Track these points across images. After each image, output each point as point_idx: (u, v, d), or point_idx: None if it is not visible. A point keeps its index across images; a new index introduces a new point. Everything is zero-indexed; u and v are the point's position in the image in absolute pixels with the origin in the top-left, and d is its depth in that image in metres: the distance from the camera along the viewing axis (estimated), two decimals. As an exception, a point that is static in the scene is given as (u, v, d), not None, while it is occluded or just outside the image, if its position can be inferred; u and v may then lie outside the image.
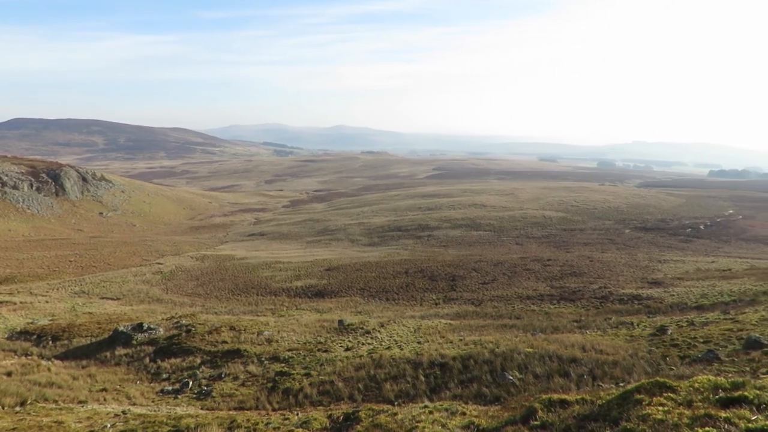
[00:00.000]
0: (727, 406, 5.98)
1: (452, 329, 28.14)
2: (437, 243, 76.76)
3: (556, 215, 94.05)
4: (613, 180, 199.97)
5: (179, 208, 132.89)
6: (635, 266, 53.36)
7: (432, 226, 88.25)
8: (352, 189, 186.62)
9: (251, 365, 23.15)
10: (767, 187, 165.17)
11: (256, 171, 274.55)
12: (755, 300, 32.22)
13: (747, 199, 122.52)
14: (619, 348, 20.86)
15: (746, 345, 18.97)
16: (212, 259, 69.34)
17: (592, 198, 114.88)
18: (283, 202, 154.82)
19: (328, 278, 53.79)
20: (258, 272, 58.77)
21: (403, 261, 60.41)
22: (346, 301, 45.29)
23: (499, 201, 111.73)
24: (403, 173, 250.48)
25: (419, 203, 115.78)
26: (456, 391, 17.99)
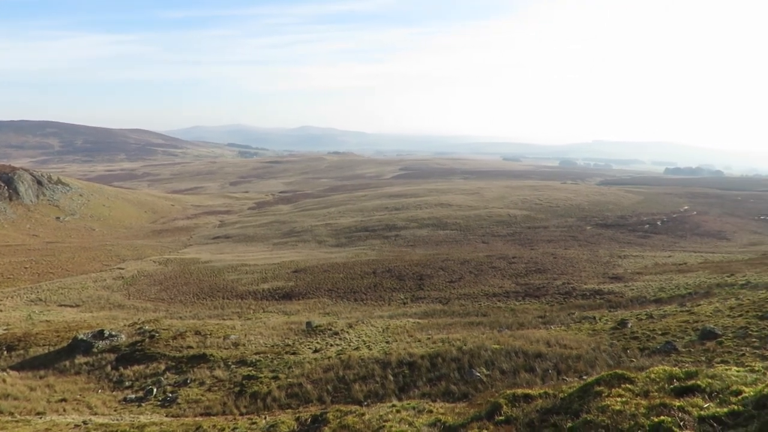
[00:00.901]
0: (681, 395, 6.23)
1: (420, 328, 28.33)
2: (404, 243, 77.09)
3: (520, 213, 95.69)
4: (575, 178, 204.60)
5: (141, 211, 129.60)
6: (597, 262, 54.77)
7: (399, 225, 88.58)
8: (318, 190, 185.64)
9: (218, 370, 22.79)
10: (719, 184, 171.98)
11: (221, 173, 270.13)
12: (709, 292, 33.51)
13: (701, 196, 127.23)
14: (582, 342, 21.38)
15: (701, 335, 19.72)
16: (176, 262, 67.90)
17: (555, 196, 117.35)
18: (248, 203, 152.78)
19: (295, 280, 53.38)
20: (223, 275, 57.85)
21: (370, 261, 60.44)
22: (314, 302, 45.05)
23: (464, 200, 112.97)
24: (370, 173, 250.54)
25: (386, 203, 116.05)
26: (425, 390, 18.13)
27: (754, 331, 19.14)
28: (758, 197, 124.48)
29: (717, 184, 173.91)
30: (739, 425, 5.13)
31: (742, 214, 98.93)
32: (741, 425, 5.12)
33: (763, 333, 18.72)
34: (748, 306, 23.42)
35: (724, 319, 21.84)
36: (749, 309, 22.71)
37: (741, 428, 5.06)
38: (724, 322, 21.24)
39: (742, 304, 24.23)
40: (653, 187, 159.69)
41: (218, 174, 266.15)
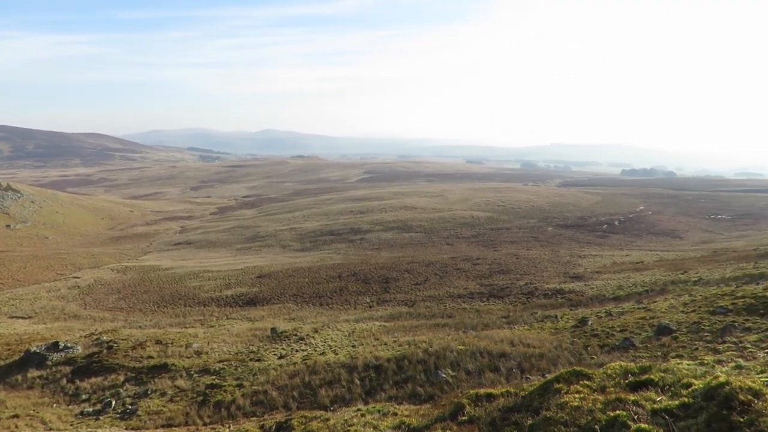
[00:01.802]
0: (635, 389, 6.45)
1: (386, 331, 28.36)
2: (370, 246, 77.10)
3: (483, 215, 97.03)
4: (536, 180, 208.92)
5: (97, 218, 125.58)
6: (558, 262, 56.00)
7: (364, 229, 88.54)
8: (282, 194, 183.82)
9: (180, 379, 22.26)
10: (673, 185, 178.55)
11: (181, 177, 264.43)
12: (665, 289, 34.70)
13: (655, 196, 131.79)
14: (544, 341, 21.80)
15: (657, 331, 20.39)
16: (135, 270, 66.05)
17: (517, 198, 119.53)
18: (210, 209, 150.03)
19: (259, 285, 52.67)
20: (185, 282, 56.59)
21: (336, 265, 60.20)
22: (278, 308, 44.54)
23: (429, 203, 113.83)
24: (335, 177, 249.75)
25: (351, 207, 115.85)
26: (391, 393, 18.14)
27: (706, 326, 19.90)
28: (708, 197, 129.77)
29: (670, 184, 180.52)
30: (689, 417, 5.36)
31: (694, 214, 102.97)
32: (691, 417, 5.35)
33: (714, 327, 19.48)
34: (701, 302, 24.33)
35: (678, 314, 22.63)
36: (702, 305, 23.60)
37: (691, 420, 5.28)
38: (678, 317, 22.01)
39: (695, 300, 25.15)
40: (610, 188, 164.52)
41: (179, 179, 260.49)
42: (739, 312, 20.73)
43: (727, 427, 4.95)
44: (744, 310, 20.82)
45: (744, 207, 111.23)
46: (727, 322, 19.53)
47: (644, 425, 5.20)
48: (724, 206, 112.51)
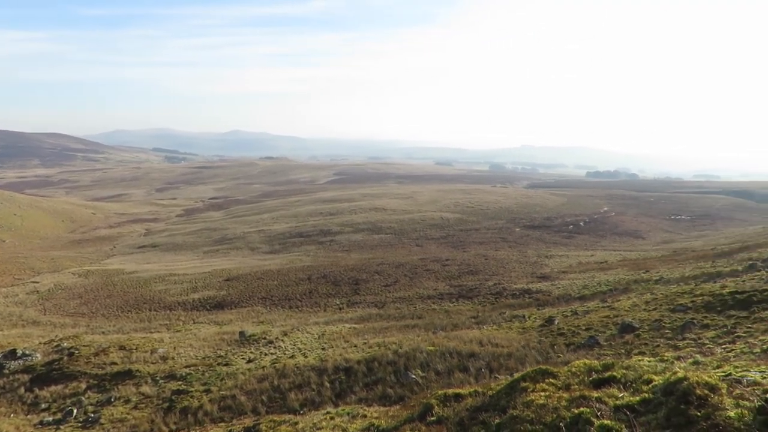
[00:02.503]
0: (599, 386, 6.62)
1: (356, 333, 28.32)
2: (340, 248, 76.85)
3: (453, 216, 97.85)
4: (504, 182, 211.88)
5: (58, 220, 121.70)
6: (525, 262, 56.89)
7: (334, 231, 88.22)
8: (250, 196, 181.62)
9: (144, 386, 21.74)
10: (635, 187, 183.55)
11: (146, 179, 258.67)
12: (628, 288, 35.63)
13: (619, 197, 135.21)
14: (513, 340, 22.12)
15: (621, 329, 20.91)
16: (98, 274, 64.24)
17: (486, 199, 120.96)
18: (176, 211, 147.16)
19: (227, 289, 51.90)
20: (150, 286, 55.34)
21: (305, 267, 59.79)
22: (247, 311, 43.98)
23: (398, 204, 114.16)
24: (304, 179, 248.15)
25: (321, 208, 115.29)
26: (361, 395, 18.11)
27: (667, 323, 20.52)
28: (669, 198, 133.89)
29: (633, 186, 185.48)
30: (650, 412, 5.52)
31: (655, 214, 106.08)
32: (651, 412, 5.51)
33: (675, 324, 20.10)
34: (662, 300, 25.06)
35: (641, 313, 23.26)
36: (663, 303, 24.32)
37: (651, 415, 5.45)
38: (641, 315, 22.62)
39: (656, 299, 25.89)
40: (576, 189, 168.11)
41: (143, 180, 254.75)
42: (698, 309, 21.44)
43: (685, 421, 5.12)
44: (702, 307, 21.54)
45: (702, 208, 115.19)
46: (686, 319, 20.17)
47: (607, 421, 5.33)
48: (683, 207, 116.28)
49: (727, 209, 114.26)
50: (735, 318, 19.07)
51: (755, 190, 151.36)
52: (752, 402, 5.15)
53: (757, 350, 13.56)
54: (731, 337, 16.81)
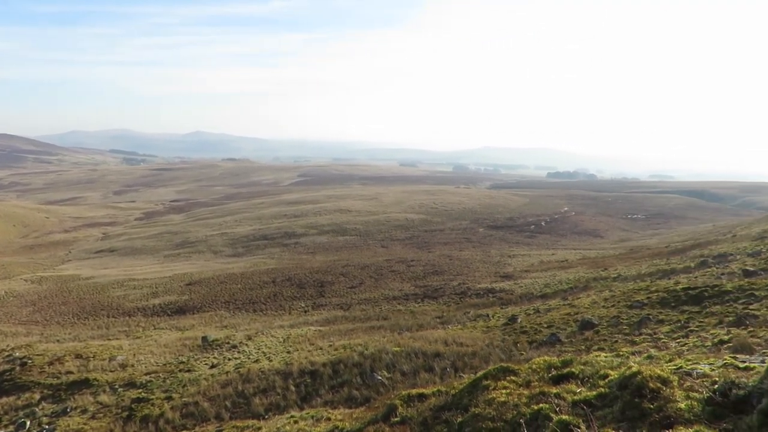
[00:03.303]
0: (558, 382, 6.80)
1: (322, 335, 28.17)
2: (304, 250, 76.31)
3: (417, 217, 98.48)
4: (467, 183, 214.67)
5: (8, 225, 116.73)
6: (489, 262, 57.74)
7: (299, 233, 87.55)
8: (213, 198, 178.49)
9: (102, 395, 21.07)
10: (593, 187, 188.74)
11: (103, 181, 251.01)
12: (587, 286, 36.59)
13: (578, 197, 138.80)
14: (477, 339, 22.39)
15: (581, 326, 21.43)
16: (52, 280, 61.94)
17: (450, 200, 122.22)
18: (135, 214, 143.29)
19: (189, 293, 50.83)
20: (108, 292, 53.70)
21: (269, 270, 59.12)
22: (210, 316, 43.18)
23: (363, 206, 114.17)
24: (267, 180, 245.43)
25: (285, 210, 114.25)
26: (327, 397, 18.01)
27: (625, 320, 21.14)
28: (625, 198, 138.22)
29: (591, 186, 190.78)
30: (606, 406, 5.71)
31: (613, 214, 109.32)
32: (607, 406, 5.70)
33: (632, 321, 20.72)
34: (620, 297, 25.81)
35: (600, 309, 23.90)
36: (620, 299, 25.05)
37: (607, 409, 5.63)
38: (600, 312, 23.24)
39: (614, 296, 26.65)
40: (537, 190, 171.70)
41: (100, 183, 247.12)
42: (653, 305, 22.16)
43: (639, 414, 5.32)
44: (658, 303, 22.28)
45: (656, 207, 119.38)
46: (643, 315, 20.82)
47: (565, 416, 5.48)
48: (639, 207, 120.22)
49: (680, 208, 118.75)
50: (688, 313, 19.78)
51: (706, 190, 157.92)
52: (701, 393, 5.38)
53: (708, 343, 14.11)
54: (685, 331, 17.43)
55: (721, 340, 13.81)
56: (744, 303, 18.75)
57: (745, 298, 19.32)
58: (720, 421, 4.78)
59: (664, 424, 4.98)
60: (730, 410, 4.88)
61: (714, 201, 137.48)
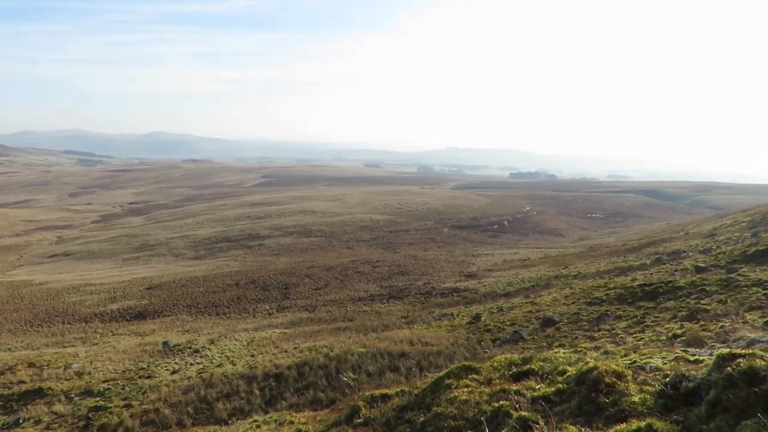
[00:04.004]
0: (518, 379, 6.94)
1: (287, 338, 27.90)
2: (269, 252, 75.45)
3: (383, 218, 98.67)
4: (432, 183, 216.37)
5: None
6: (453, 261, 58.34)
7: (263, 234, 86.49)
8: (173, 200, 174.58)
9: (57, 404, 20.32)
10: (554, 187, 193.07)
11: (57, 183, 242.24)
12: (549, 284, 37.37)
13: (539, 197, 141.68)
14: (442, 338, 22.58)
15: (543, 323, 21.88)
16: (2, 286, 59.39)
17: (414, 200, 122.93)
18: (92, 217, 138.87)
19: (149, 297, 49.56)
20: (63, 297, 51.85)
21: (233, 273, 58.21)
22: (171, 320, 42.20)
23: (328, 207, 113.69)
24: (230, 182, 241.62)
25: (248, 212, 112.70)
26: (292, 400, 17.85)
27: (584, 316, 21.70)
28: (585, 197, 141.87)
29: (552, 186, 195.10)
30: (564, 401, 5.86)
31: (573, 213, 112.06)
32: (565, 401, 5.85)
33: (591, 317, 21.28)
34: (580, 294, 26.47)
35: (560, 307, 24.45)
36: (580, 296, 25.69)
37: (565, 404, 5.78)
38: (561, 309, 23.77)
39: (574, 293, 27.31)
40: (500, 190, 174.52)
41: (54, 184, 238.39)
42: (611, 302, 22.81)
43: (596, 408, 5.48)
44: (616, 300, 22.94)
45: (614, 206, 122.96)
46: (601, 311, 21.40)
47: (524, 413, 5.60)
48: (597, 206, 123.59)
49: (636, 207, 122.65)
50: (644, 309, 20.44)
51: (660, 189, 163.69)
52: (654, 387, 5.58)
53: (663, 338, 14.61)
54: (641, 326, 18.00)
55: (675, 334, 14.30)
56: (696, 298, 19.49)
57: (697, 293, 20.07)
58: (671, 413, 4.97)
59: (619, 418, 5.14)
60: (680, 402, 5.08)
61: (668, 200, 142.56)
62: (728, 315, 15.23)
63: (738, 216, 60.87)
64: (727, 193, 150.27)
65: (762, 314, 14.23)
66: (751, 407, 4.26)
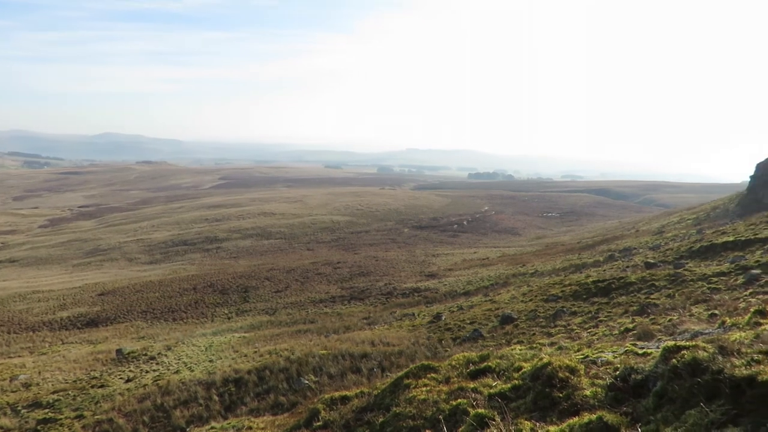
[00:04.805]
0: (475, 377, 7.07)
1: (246, 342, 27.49)
2: (227, 255, 74.11)
3: (343, 219, 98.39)
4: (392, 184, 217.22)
5: None
6: (414, 262, 58.73)
7: (221, 237, 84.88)
8: (127, 203, 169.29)
9: (3, 418, 19.39)
10: (511, 187, 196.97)
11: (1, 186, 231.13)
12: (507, 282, 38.10)
13: (498, 197, 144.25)
14: (403, 338, 22.69)
15: (502, 321, 22.28)
16: (-59, 296, 56.18)
17: (375, 201, 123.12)
18: (39, 221, 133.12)
19: (102, 304, 47.88)
20: (8, 306, 49.47)
21: (190, 277, 56.88)
22: (125, 327, 40.89)
23: (288, 208, 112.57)
24: (186, 184, 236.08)
25: (206, 214, 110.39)
26: (252, 405, 17.59)
27: (541, 313, 22.21)
28: (541, 197, 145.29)
29: (510, 186, 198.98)
30: (519, 397, 6.01)
31: (530, 212, 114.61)
32: (521, 397, 6.00)
33: (548, 314, 21.80)
34: (537, 291, 27.09)
35: (519, 304, 24.96)
36: (537, 294, 26.29)
37: (521, 400, 5.92)
38: (519, 307, 24.27)
39: (532, 290, 27.93)
40: (459, 190, 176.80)
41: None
42: (567, 298, 23.44)
43: (550, 403, 5.63)
44: (571, 296, 23.59)
45: (569, 205, 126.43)
46: (558, 308, 21.97)
47: (481, 410, 5.70)
48: (553, 205, 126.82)
49: (589, 206, 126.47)
50: (598, 304, 21.09)
51: (612, 189, 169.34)
52: (605, 380, 5.78)
53: (615, 332, 15.11)
54: (595, 321, 18.57)
55: (627, 328, 14.81)
56: (646, 293, 20.24)
57: (647, 288, 20.84)
58: (621, 405, 5.15)
59: (572, 411, 5.29)
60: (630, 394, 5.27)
61: (619, 199, 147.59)
62: (676, 309, 15.87)
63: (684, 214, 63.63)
64: (675, 191, 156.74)
65: (707, 307, 14.89)
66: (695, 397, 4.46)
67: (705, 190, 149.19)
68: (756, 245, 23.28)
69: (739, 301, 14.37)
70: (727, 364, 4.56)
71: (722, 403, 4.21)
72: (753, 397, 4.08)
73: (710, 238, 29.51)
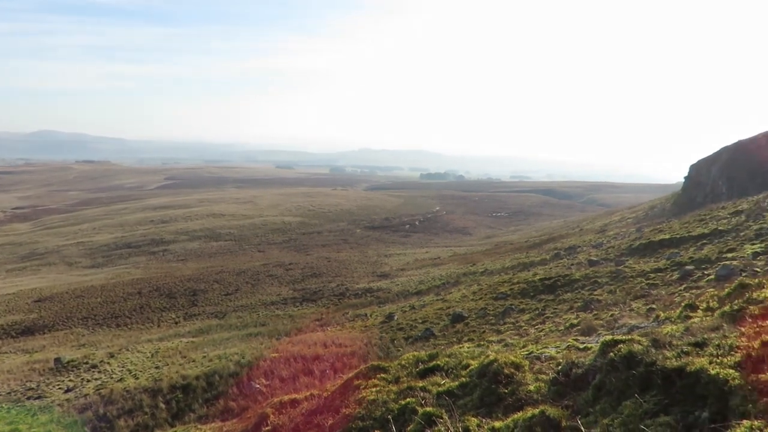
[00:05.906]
0: (424, 376, 7.19)
1: (195, 347, 26.80)
2: (174, 257, 71.99)
3: (295, 220, 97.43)
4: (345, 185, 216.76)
5: None
6: (366, 262, 58.81)
7: (167, 239, 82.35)
8: (66, 204, 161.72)
9: (-72, 436, 18.17)
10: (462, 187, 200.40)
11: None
12: (458, 281, 38.72)
13: (449, 197, 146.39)
14: (356, 339, 22.70)
15: (453, 319, 22.63)
16: None
17: (327, 202, 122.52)
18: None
19: (38, 311, 45.55)
20: (-66, 315, 46.34)
21: (135, 281, 54.92)
22: (64, 334, 39.05)
23: (238, 209, 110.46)
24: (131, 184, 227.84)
25: (151, 216, 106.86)
26: (201, 412, 17.20)
27: (491, 311, 22.70)
28: (491, 197, 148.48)
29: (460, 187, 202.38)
30: (467, 395, 6.15)
31: (480, 212, 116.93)
32: (468, 395, 6.14)
33: (497, 311, 22.30)
34: (486, 290, 27.67)
35: (469, 303, 25.42)
36: (487, 292, 26.85)
37: (468, 397, 6.07)
38: (469, 305, 24.71)
39: (482, 289, 28.51)
40: (411, 191, 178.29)
41: None
42: (515, 296, 24.04)
43: (496, 399, 5.79)
44: (519, 294, 24.21)
45: (517, 205, 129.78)
46: (506, 305, 22.50)
47: (430, 408, 5.80)
48: (502, 205, 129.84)
49: (537, 206, 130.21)
50: (545, 301, 21.74)
51: (557, 189, 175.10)
52: (548, 375, 5.99)
53: (561, 328, 15.62)
54: (542, 318, 19.14)
55: (572, 324, 15.34)
56: (590, 289, 21.02)
57: (591, 285, 21.65)
58: (563, 399, 5.35)
59: (517, 407, 5.46)
60: (571, 388, 5.48)
61: (564, 199, 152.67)
62: (617, 304, 16.56)
63: (625, 213, 66.47)
64: (616, 191, 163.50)
65: (645, 302, 15.62)
66: (630, 388, 4.69)
67: (644, 190, 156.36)
68: (690, 242, 24.58)
69: (674, 295, 15.13)
70: (659, 356, 4.81)
71: (655, 394, 4.44)
72: (682, 387, 4.33)
73: (648, 236, 30.93)
